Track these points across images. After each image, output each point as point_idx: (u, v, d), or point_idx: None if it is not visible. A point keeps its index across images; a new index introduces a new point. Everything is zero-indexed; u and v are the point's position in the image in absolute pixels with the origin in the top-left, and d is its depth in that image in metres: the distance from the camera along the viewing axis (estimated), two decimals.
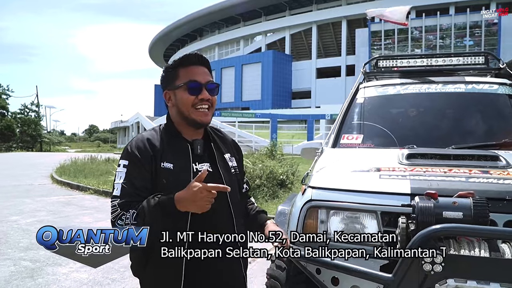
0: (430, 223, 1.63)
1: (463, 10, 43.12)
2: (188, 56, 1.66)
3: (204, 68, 1.66)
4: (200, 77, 1.61)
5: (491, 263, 1.54)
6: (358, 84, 3.53)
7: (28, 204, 8.63)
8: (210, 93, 1.62)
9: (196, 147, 1.63)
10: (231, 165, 1.73)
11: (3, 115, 53.40)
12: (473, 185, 1.93)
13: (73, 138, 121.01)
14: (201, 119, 1.61)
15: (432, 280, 1.56)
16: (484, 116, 3.06)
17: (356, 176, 2.24)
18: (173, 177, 1.55)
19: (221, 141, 1.77)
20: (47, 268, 4.43)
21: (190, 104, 1.60)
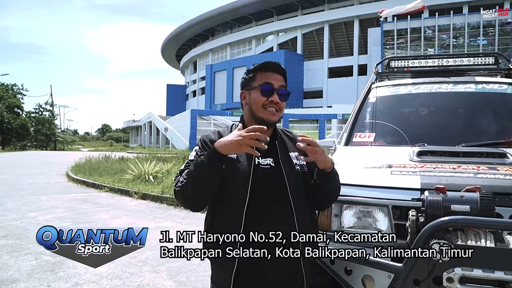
0: (439, 215, 1.72)
1: (476, 9, 42.69)
2: (267, 63, 1.81)
3: (280, 76, 1.80)
4: (274, 82, 1.76)
5: (496, 253, 1.63)
6: (371, 84, 3.62)
7: (45, 201, 8.85)
8: (280, 98, 1.75)
9: (260, 143, 1.75)
10: (296, 163, 1.80)
11: (18, 114, 54.35)
12: (481, 181, 2.01)
13: (86, 137, 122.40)
14: (268, 118, 1.74)
15: (440, 269, 1.66)
16: (494, 115, 3.13)
17: (368, 172, 2.34)
18: (235, 166, 1.70)
19: (290, 141, 1.88)
20: (68, 262, 4.57)
21: (260, 104, 1.75)
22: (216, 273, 1.78)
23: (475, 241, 1.70)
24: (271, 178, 1.72)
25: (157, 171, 11.83)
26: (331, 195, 1.84)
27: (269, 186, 1.70)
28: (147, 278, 4.15)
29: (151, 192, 9.53)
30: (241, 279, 1.66)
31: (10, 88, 56.13)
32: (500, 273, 1.61)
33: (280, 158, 1.76)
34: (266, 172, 1.72)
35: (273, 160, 1.75)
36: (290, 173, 1.75)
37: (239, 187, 1.67)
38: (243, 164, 1.72)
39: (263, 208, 1.65)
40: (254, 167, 1.70)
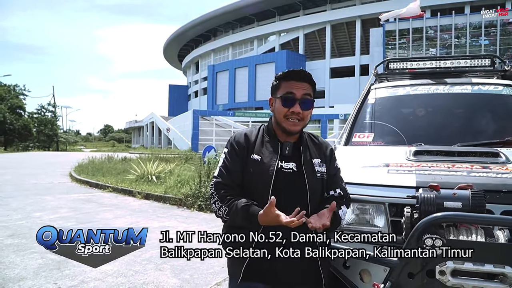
0: (432, 211, 1.80)
1: (478, 9, 42.69)
2: (291, 71, 1.86)
3: (306, 83, 1.85)
4: (297, 91, 1.82)
5: (486, 247, 1.71)
6: (370, 85, 3.71)
7: (49, 201, 8.95)
8: (302, 107, 1.82)
9: (284, 148, 1.84)
10: (318, 170, 1.87)
11: (20, 115, 54.57)
12: (473, 179, 2.10)
13: (89, 137, 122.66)
14: (289, 128, 1.83)
15: (434, 262, 1.74)
16: (489, 115, 3.21)
17: (366, 171, 2.42)
18: (259, 167, 1.80)
19: (315, 147, 1.95)
20: (73, 261, 4.66)
21: (282, 114, 1.83)
22: (229, 266, 1.90)
23: (467, 236, 1.79)
24: (293, 182, 1.80)
25: (160, 171, 11.93)
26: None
27: (290, 189, 1.78)
28: (152, 276, 4.24)
29: (154, 192, 9.63)
30: (250, 274, 1.76)
31: (13, 89, 56.37)
32: (489, 266, 1.69)
33: (302, 163, 1.83)
34: (288, 176, 1.80)
35: (296, 164, 1.83)
36: (311, 178, 1.83)
37: (261, 189, 1.77)
38: (267, 166, 1.80)
39: (283, 210, 1.70)
40: (276, 170, 1.78)
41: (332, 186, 1.91)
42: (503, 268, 1.67)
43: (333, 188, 1.91)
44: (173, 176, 11.00)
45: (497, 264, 1.68)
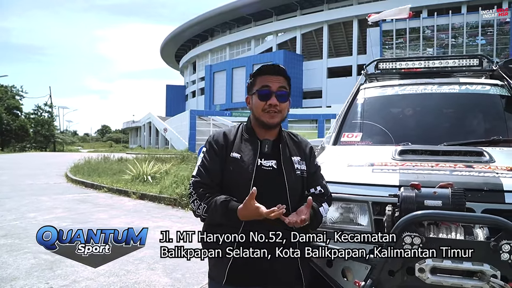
0: (412, 210, 1.82)
1: (475, 9, 42.82)
2: (264, 66, 1.89)
3: (280, 77, 1.87)
4: (272, 85, 1.84)
5: (464, 245, 1.73)
6: (359, 85, 3.73)
7: (45, 202, 8.95)
8: (279, 100, 1.83)
9: (264, 145, 1.86)
10: (298, 167, 1.88)
11: (17, 115, 54.49)
12: (456, 178, 2.12)
13: (86, 138, 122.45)
14: (268, 121, 1.84)
15: (413, 260, 1.76)
16: (476, 115, 3.24)
17: (351, 170, 2.45)
18: (239, 165, 1.80)
19: (295, 145, 1.96)
20: (66, 260, 4.65)
21: (260, 109, 1.85)
22: (212, 268, 1.88)
23: (446, 234, 1.81)
24: (273, 179, 1.80)
25: (156, 171, 11.94)
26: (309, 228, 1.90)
27: (270, 187, 1.78)
28: (143, 275, 4.26)
29: (149, 192, 9.64)
30: (235, 275, 1.75)
31: (10, 89, 56.27)
32: (468, 264, 1.71)
33: (282, 160, 1.84)
34: (268, 173, 1.81)
35: (275, 162, 1.84)
36: (291, 176, 1.83)
37: (241, 187, 1.76)
38: (246, 164, 1.81)
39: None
40: (256, 168, 1.79)
41: (312, 184, 1.92)
42: (481, 266, 1.69)
43: (314, 186, 1.92)
44: (169, 176, 11.01)
45: (475, 262, 1.70)
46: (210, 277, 1.89)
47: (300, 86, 57.78)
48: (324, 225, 2.26)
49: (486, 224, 1.81)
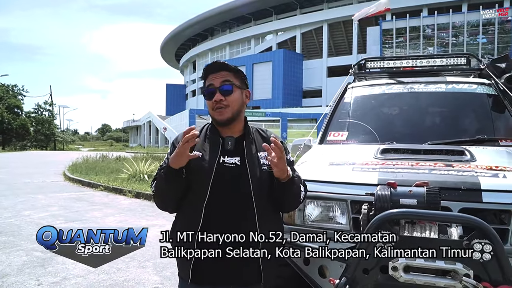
0: (387, 208, 1.83)
1: (476, 7, 42.74)
2: (207, 66, 1.88)
3: (223, 72, 1.83)
4: (215, 82, 1.81)
5: (437, 244, 1.74)
6: (347, 84, 3.74)
7: (40, 200, 8.97)
8: (224, 94, 1.79)
9: (226, 143, 1.82)
10: (265, 163, 1.82)
11: (18, 114, 54.58)
12: (434, 177, 2.13)
13: (86, 137, 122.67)
14: (218, 118, 1.82)
15: (386, 258, 1.76)
16: (462, 114, 3.25)
17: (332, 169, 2.45)
18: (199, 163, 1.76)
19: (263, 140, 1.90)
20: (57, 258, 4.69)
21: (210, 108, 1.84)
22: (179, 268, 1.87)
23: (421, 232, 1.82)
24: (235, 175, 1.76)
25: (152, 170, 11.95)
26: (288, 202, 1.87)
27: (232, 184, 1.75)
28: (133, 273, 4.27)
29: (145, 191, 9.64)
30: (199, 274, 1.74)
31: (11, 89, 56.38)
32: (440, 263, 1.72)
33: (246, 157, 1.80)
34: (230, 170, 1.77)
35: (239, 158, 1.80)
36: (255, 172, 1.79)
37: (200, 185, 1.73)
38: (207, 162, 1.77)
39: (223, 206, 1.72)
40: (217, 165, 1.75)
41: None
42: (454, 265, 1.70)
43: None
44: None
45: (448, 261, 1.71)
46: (179, 276, 1.89)
47: (300, 85, 57.80)
48: (304, 224, 2.27)
49: (459, 223, 1.82)
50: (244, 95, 1.87)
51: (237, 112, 1.83)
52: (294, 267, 2.17)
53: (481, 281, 1.68)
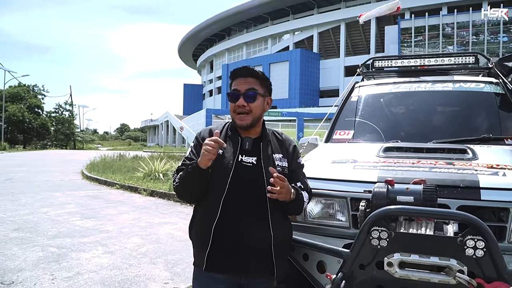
0: (383, 205, 1.85)
1: (497, 5, 41.91)
2: (235, 70, 1.98)
3: (249, 78, 1.94)
4: (240, 87, 1.92)
5: (432, 240, 1.75)
6: (354, 83, 3.75)
7: (58, 198, 9.19)
8: (246, 100, 1.90)
9: (244, 143, 1.93)
10: (279, 164, 1.95)
11: (39, 114, 55.74)
12: (433, 174, 2.14)
13: (105, 136, 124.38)
14: (238, 123, 1.93)
15: (382, 254, 1.79)
16: (468, 112, 3.23)
17: (334, 167, 2.48)
18: (220, 160, 1.87)
19: (278, 143, 2.03)
20: (72, 254, 4.83)
21: (232, 110, 1.95)
22: (194, 256, 1.99)
23: (417, 229, 1.84)
24: (252, 175, 1.87)
25: (167, 169, 12.11)
26: (291, 211, 2.00)
27: (248, 182, 1.86)
28: (145, 269, 4.36)
29: (159, 189, 9.80)
30: (213, 262, 1.85)
31: (32, 89, 57.65)
32: (435, 259, 1.73)
33: (262, 157, 1.91)
34: (247, 169, 1.88)
35: (256, 158, 1.91)
36: (269, 172, 1.85)
37: (220, 181, 1.85)
38: (227, 160, 1.89)
39: (240, 202, 1.83)
40: (236, 164, 1.87)
41: (293, 180, 1.97)
42: (448, 261, 1.71)
43: (294, 182, 1.97)
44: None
45: (442, 257, 1.73)
46: (194, 264, 1.99)
47: (316, 85, 57.56)
48: (305, 220, 2.31)
49: (453, 220, 1.83)
50: (265, 102, 1.98)
51: (257, 119, 1.95)
52: (294, 262, 2.21)
53: (475, 277, 1.69)
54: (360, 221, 1.97)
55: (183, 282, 4.04)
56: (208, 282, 1.89)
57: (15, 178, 12.98)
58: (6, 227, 6.09)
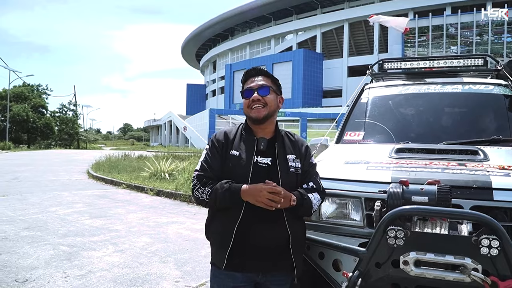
0: (398, 205, 1.90)
1: (501, 5, 41.83)
2: (247, 71, 2.08)
3: (261, 76, 2.05)
4: (253, 84, 2.02)
5: (447, 239, 1.80)
6: (364, 85, 3.80)
7: (66, 197, 9.27)
8: (261, 94, 1.99)
9: (259, 143, 1.99)
10: (292, 165, 2.01)
11: (43, 113, 55.97)
12: (446, 175, 2.18)
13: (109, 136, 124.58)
14: (255, 115, 1.99)
15: (398, 253, 1.84)
16: (479, 114, 3.27)
17: (347, 167, 2.53)
18: (237, 162, 1.95)
19: (291, 144, 2.09)
20: (83, 252, 4.89)
21: (247, 106, 2.02)
22: (213, 255, 2.04)
23: (431, 228, 1.88)
24: (267, 175, 1.92)
25: (173, 169, 12.18)
26: (299, 214, 2.03)
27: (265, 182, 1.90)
28: (155, 268, 4.42)
29: (166, 189, 9.86)
30: (233, 261, 1.90)
31: (36, 88, 57.91)
32: (450, 257, 1.78)
33: (277, 158, 1.97)
34: (263, 170, 1.94)
35: (271, 159, 1.97)
36: (285, 172, 1.96)
37: (239, 182, 1.89)
38: (244, 161, 1.95)
39: (258, 207, 1.86)
40: (253, 165, 1.93)
41: (305, 180, 2.03)
42: (463, 259, 1.76)
43: (306, 182, 2.03)
44: (185, 173, 11.20)
45: (457, 256, 1.77)
46: (212, 263, 2.05)
47: (320, 85, 57.59)
48: (319, 220, 2.36)
49: (467, 219, 1.87)
50: (278, 100, 2.06)
51: (272, 112, 2.01)
52: (309, 261, 2.26)
53: (489, 275, 1.74)
54: (375, 221, 2.02)
55: (194, 280, 4.10)
56: (227, 280, 1.94)
57: (22, 178, 13.08)
58: (16, 225, 6.16)
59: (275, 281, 1.98)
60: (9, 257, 4.61)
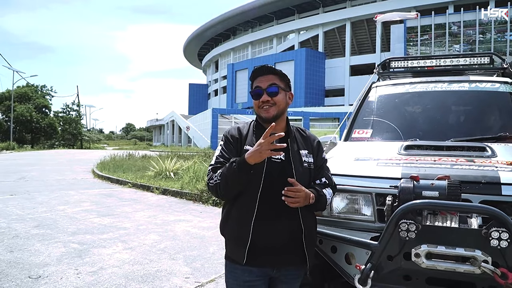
0: (410, 199, 1.96)
1: (503, 4, 41.74)
2: (255, 69, 2.09)
3: (270, 75, 2.05)
4: (262, 84, 2.03)
5: (457, 232, 1.86)
6: (371, 83, 3.86)
7: (73, 196, 9.35)
8: (270, 95, 2.01)
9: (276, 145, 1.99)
10: (305, 160, 2.05)
11: (46, 114, 56.16)
12: (455, 171, 2.24)
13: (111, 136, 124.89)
14: (264, 115, 2.02)
15: (409, 246, 1.90)
16: (485, 112, 3.33)
17: (357, 164, 2.59)
18: None
19: (303, 139, 2.13)
20: (93, 250, 4.97)
21: (257, 107, 2.06)
22: (231, 251, 2.05)
23: (442, 222, 1.94)
24: (281, 170, 1.96)
25: (177, 168, 12.25)
26: (315, 209, 2.07)
27: (279, 177, 1.94)
28: (165, 265, 4.49)
29: (171, 187, 9.93)
30: (252, 256, 1.93)
31: (40, 89, 58.14)
32: (460, 250, 1.84)
33: (290, 153, 2.01)
34: (277, 165, 1.97)
35: (284, 155, 1.99)
36: (298, 167, 1.99)
37: (254, 178, 1.92)
38: None
39: (272, 197, 1.91)
40: (267, 160, 1.95)
41: (318, 176, 2.08)
42: (473, 252, 1.82)
43: (319, 178, 2.08)
44: (190, 172, 11.27)
45: (468, 248, 1.83)
46: (229, 259, 2.06)
47: (322, 84, 57.56)
48: (331, 215, 2.42)
49: (477, 213, 1.93)
50: (287, 97, 2.08)
51: (282, 111, 2.04)
52: (322, 254, 2.32)
53: (499, 267, 1.80)
54: (387, 215, 2.08)
55: (203, 276, 4.16)
56: (243, 275, 1.97)
57: (28, 177, 13.17)
58: (26, 224, 6.24)
59: (289, 275, 2.03)
60: (21, 255, 4.68)
